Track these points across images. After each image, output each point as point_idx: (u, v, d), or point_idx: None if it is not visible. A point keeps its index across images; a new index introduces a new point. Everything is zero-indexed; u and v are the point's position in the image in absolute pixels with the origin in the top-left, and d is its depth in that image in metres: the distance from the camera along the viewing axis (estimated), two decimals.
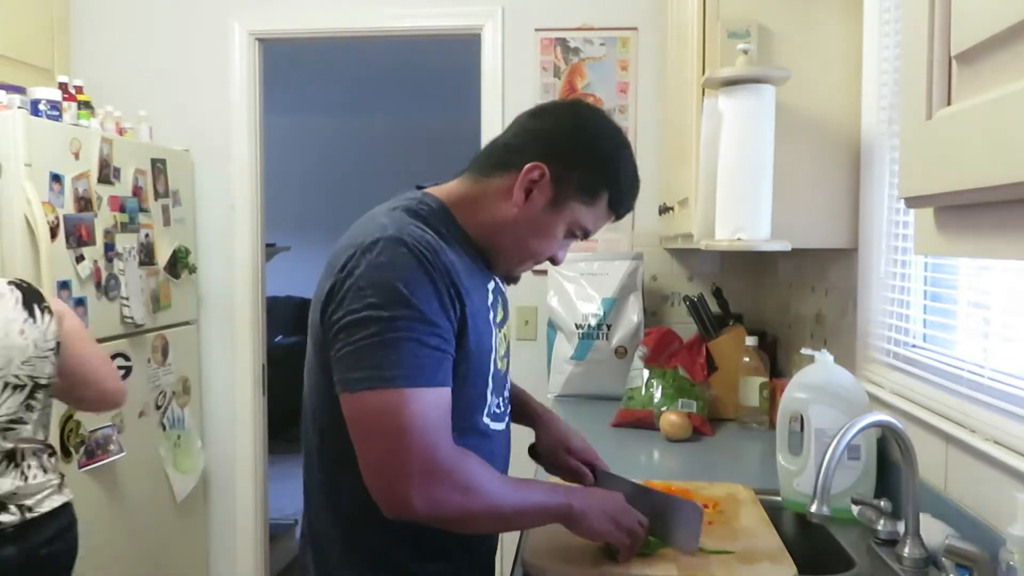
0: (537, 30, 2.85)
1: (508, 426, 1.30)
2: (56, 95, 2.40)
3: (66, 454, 2.25)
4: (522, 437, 1.43)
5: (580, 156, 1.17)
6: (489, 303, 1.19)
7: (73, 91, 2.56)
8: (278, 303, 5.86)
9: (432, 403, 1.03)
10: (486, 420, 1.20)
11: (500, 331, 1.24)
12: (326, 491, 1.18)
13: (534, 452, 1.43)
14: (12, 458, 1.63)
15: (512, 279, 1.29)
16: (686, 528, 1.24)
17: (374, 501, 1.06)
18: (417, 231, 1.09)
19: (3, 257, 2.15)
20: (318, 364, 1.13)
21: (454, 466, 1.05)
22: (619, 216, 1.23)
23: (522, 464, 1.46)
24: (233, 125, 2.99)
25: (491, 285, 1.23)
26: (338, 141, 6.63)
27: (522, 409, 1.44)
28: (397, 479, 1.02)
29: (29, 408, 1.65)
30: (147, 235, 2.69)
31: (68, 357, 1.71)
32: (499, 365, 1.22)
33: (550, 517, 1.15)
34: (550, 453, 1.40)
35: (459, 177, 1.23)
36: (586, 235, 1.22)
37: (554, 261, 1.24)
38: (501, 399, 1.26)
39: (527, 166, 1.14)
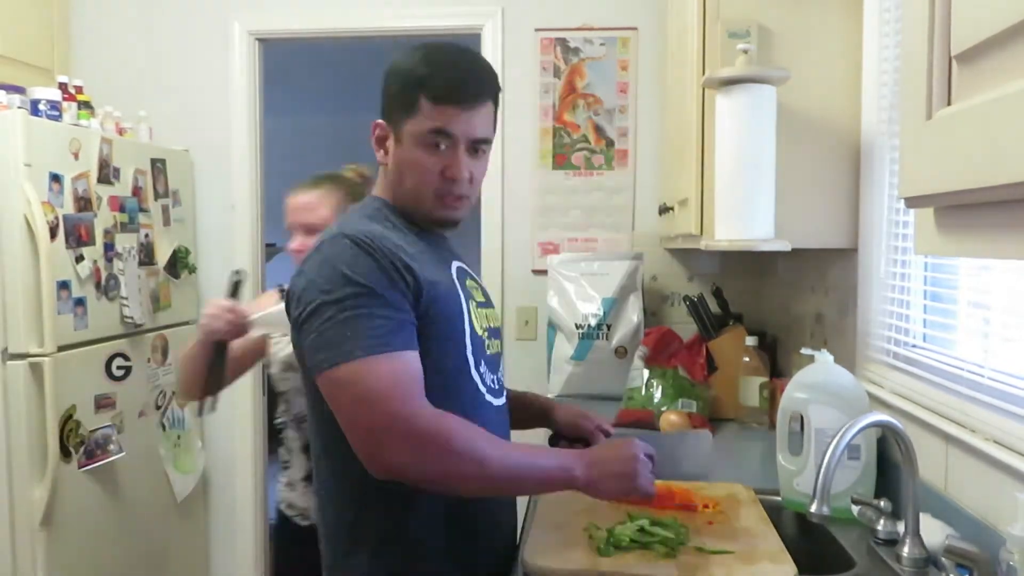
0: (537, 30, 2.85)
1: (506, 403, 1.34)
2: (56, 95, 2.40)
3: (66, 454, 2.25)
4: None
5: (386, 87, 1.26)
6: (454, 277, 1.26)
7: (73, 91, 2.56)
8: None
9: (396, 367, 1.09)
10: (482, 390, 1.24)
11: (483, 310, 1.30)
12: (328, 478, 1.23)
13: (553, 440, 1.50)
14: None
15: (450, 223, 1.28)
16: (695, 459, 1.30)
17: (375, 496, 1.12)
18: (362, 225, 1.18)
19: (3, 257, 2.15)
20: (301, 363, 1.21)
21: (430, 424, 1.08)
22: (457, 101, 1.20)
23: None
24: (233, 125, 2.99)
25: (455, 265, 1.30)
26: (338, 141, 6.62)
27: (531, 407, 1.52)
28: (376, 442, 1.07)
29: None
30: (147, 235, 2.69)
31: None
32: (479, 333, 1.25)
33: (553, 482, 1.16)
34: (569, 426, 1.49)
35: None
36: (447, 136, 1.20)
37: (451, 176, 1.21)
38: (495, 376, 1.30)
39: (372, 126, 1.27)
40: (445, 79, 1.20)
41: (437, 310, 1.16)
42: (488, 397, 1.25)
